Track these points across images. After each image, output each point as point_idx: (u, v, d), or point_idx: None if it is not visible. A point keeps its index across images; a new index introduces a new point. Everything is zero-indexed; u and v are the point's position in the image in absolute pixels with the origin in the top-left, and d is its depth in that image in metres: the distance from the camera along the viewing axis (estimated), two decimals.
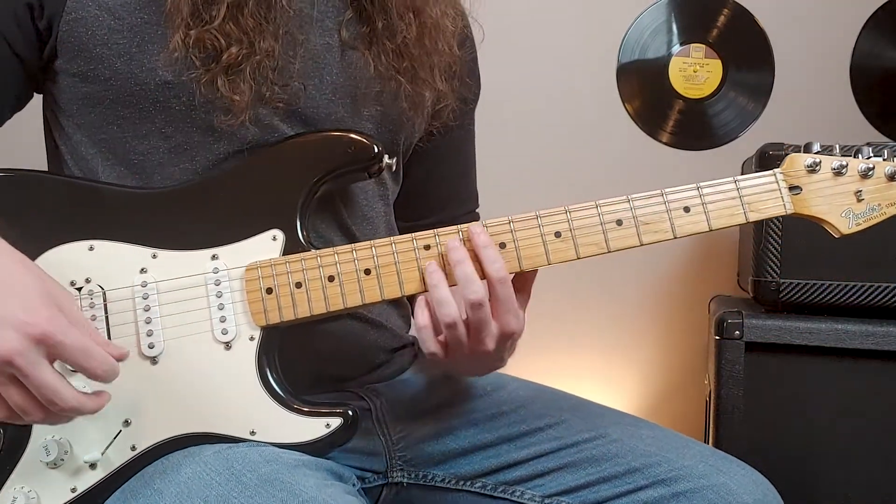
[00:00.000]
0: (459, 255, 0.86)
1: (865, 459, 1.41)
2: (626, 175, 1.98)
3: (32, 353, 0.71)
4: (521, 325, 0.89)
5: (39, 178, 0.90)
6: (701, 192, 0.90)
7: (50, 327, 0.72)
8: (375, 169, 0.94)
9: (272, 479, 0.79)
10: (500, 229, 0.89)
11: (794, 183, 0.91)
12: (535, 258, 0.89)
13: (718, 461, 0.95)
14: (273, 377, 0.87)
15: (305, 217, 0.90)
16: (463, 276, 0.85)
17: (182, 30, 0.88)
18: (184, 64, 0.89)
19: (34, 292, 0.74)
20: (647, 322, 2.00)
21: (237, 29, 0.89)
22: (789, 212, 0.91)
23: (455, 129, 1.10)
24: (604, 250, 0.89)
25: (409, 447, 1.01)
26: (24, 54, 0.91)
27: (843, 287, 1.42)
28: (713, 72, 1.95)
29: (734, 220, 0.90)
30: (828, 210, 0.91)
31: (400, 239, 0.88)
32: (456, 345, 0.87)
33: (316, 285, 0.88)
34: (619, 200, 0.91)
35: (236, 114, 0.89)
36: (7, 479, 0.84)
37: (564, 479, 0.98)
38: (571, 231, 0.89)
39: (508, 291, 0.86)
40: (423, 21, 0.98)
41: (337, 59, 0.97)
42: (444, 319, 0.85)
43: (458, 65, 1.05)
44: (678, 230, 0.90)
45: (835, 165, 0.91)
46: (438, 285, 0.86)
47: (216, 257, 0.89)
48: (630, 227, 0.90)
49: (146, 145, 0.92)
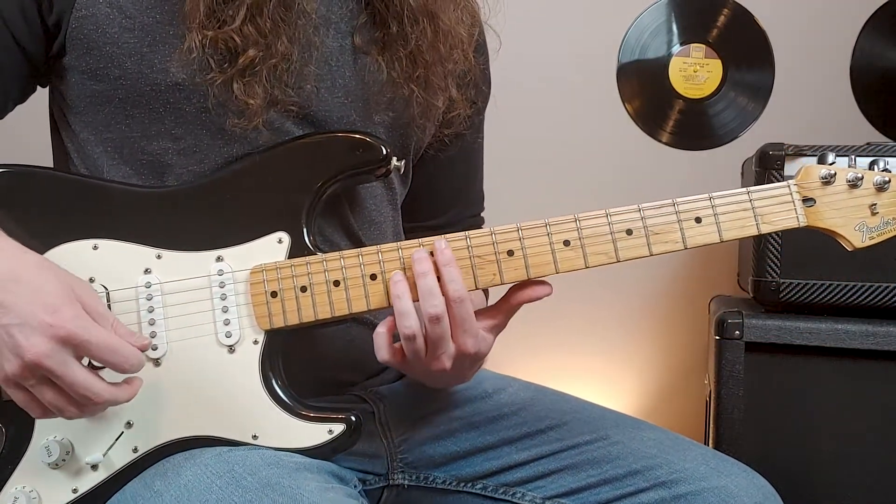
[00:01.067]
0: (424, 268, 0.85)
1: (865, 459, 1.40)
2: (626, 175, 1.98)
3: (60, 353, 0.72)
4: (480, 347, 0.88)
5: (45, 175, 0.90)
6: (713, 203, 0.89)
7: (74, 327, 0.73)
8: (383, 171, 0.93)
9: (273, 484, 0.79)
10: (509, 237, 0.88)
11: (807, 195, 0.89)
12: (544, 266, 0.88)
13: (719, 464, 0.95)
14: (276, 381, 0.87)
15: (312, 220, 0.90)
16: (425, 288, 0.85)
17: (199, 30, 0.87)
18: (198, 65, 0.88)
19: (55, 291, 0.74)
20: (647, 322, 2.01)
21: (255, 31, 0.87)
22: (802, 225, 0.89)
23: (466, 134, 1.10)
24: (613, 260, 0.88)
25: (410, 450, 1.01)
26: (28, 47, 0.91)
27: (843, 287, 1.42)
28: (713, 72, 1.95)
29: (746, 232, 0.88)
30: (842, 223, 0.89)
31: (407, 244, 0.88)
32: (413, 358, 0.86)
33: (321, 289, 0.87)
34: (630, 210, 0.89)
35: (250, 117, 0.88)
36: (9, 478, 0.84)
37: (565, 480, 0.98)
38: (580, 240, 0.88)
39: (465, 312, 0.85)
40: (437, 27, 0.97)
41: (350, 64, 0.96)
42: (404, 331, 0.84)
43: (472, 72, 1.05)
44: (689, 241, 0.89)
45: (850, 177, 0.89)
46: (401, 296, 0.85)
47: (221, 259, 0.88)
48: (640, 236, 0.88)
49: (155, 146, 0.91)
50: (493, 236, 0.88)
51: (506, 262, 0.88)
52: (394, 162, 0.92)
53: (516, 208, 1.95)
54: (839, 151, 1.40)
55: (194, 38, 0.87)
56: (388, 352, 0.87)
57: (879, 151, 1.39)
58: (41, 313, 0.72)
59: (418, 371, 0.89)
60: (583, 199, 1.98)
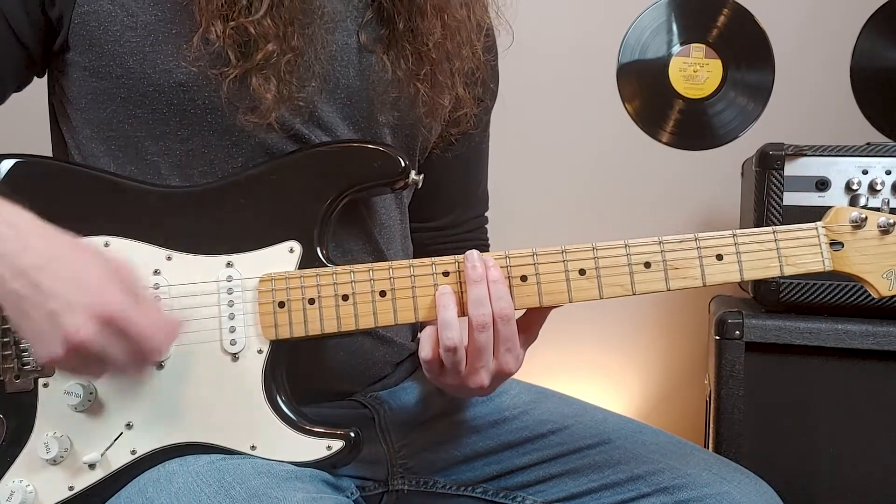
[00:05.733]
0: (477, 275, 0.84)
1: (865, 459, 1.40)
2: (626, 175, 1.97)
3: (103, 335, 0.72)
4: (518, 367, 0.88)
5: (58, 167, 0.89)
6: (736, 241, 0.86)
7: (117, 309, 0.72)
8: (401, 185, 0.91)
9: (260, 494, 0.78)
10: (523, 261, 0.86)
11: (836, 238, 0.86)
12: (557, 295, 0.86)
13: (722, 469, 0.95)
14: (279, 393, 0.86)
15: (325, 230, 0.89)
16: (476, 296, 0.84)
17: (217, 20, 0.85)
18: (214, 57, 0.86)
19: (96, 273, 0.73)
20: (647, 322, 2.00)
21: (273, 24, 0.86)
22: (828, 269, 0.87)
23: (473, 133, 1.09)
24: (628, 293, 0.86)
25: (411, 455, 1.01)
26: (27, 40, 0.90)
27: (843, 287, 1.42)
28: (713, 72, 1.94)
29: (769, 273, 0.86)
30: (870, 269, 0.86)
31: (419, 263, 0.87)
32: (452, 369, 0.86)
33: (329, 303, 0.86)
34: (649, 242, 0.86)
35: (263, 113, 0.87)
36: (6, 471, 0.84)
37: (566, 485, 0.98)
38: (597, 269, 0.86)
39: (510, 331, 0.85)
40: (445, 23, 0.95)
41: (355, 62, 0.95)
42: (445, 342, 0.83)
43: (480, 70, 1.03)
44: (708, 278, 0.86)
45: (882, 223, 0.86)
46: (448, 306, 0.84)
47: (231, 265, 0.87)
48: (658, 270, 0.86)
49: (161, 147, 0.90)
50: (507, 259, 0.86)
51: (518, 287, 0.86)
52: (412, 176, 0.91)
53: (515, 208, 1.96)
54: (839, 151, 1.40)
55: (215, 28, 0.85)
56: (431, 352, 0.86)
57: (879, 151, 1.39)
58: (83, 296, 0.71)
59: (451, 384, 0.88)
60: (583, 200, 1.98)
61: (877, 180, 1.38)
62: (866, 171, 1.39)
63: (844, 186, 1.39)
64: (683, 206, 1.95)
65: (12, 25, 0.88)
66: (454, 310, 0.84)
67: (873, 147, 1.40)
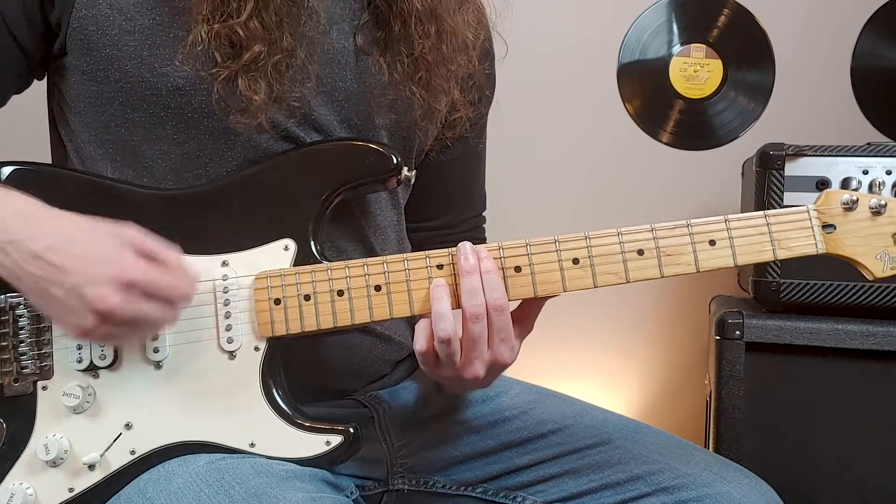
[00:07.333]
0: (470, 265, 0.85)
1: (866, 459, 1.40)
2: (626, 175, 1.97)
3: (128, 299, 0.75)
4: (513, 358, 0.88)
5: (53, 173, 0.90)
6: (728, 226, 0.86)
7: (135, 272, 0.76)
8: (393, 182, 0.92)
9: (259, 494, 0.79)
10: (517, 252, 0.87)
11: (828, 221, 0.86)
12: (551, 284, 0.86)
13: (722, 469, 0.95)
14: (276, 390, 0.87)
15: (319, 228, 0.89)
16: (469, 286, 0.84)
17: (204, 23, 0.86)
18: (203, 58, 0.87)
19: (109, 244, 0.77)
20: (647, 322, 2.00)
21: (261, 26, 0.86)
22: (821, 251, 0.87)
23: (468, 137, 1.09)
24: (622, 280, 0.86)
25: (411, 455, 1.01)
26: (26, 43, 0.90)
27: (843, 287, 1.42)
28: (713, 72, 1.94)
29: (762, 257, 0.86)
30: (863, 251, 0.86)
31: (413, 256, 0.87)
32: (447, 361, 0.86)
33: (325, 298, 0.86)
34: (642, 229, 0.87)
35: (253, 114, 0.88)
36: (7, 473, 0.85)
37: (566, 485, 0.98)
38: (590, 258, 0.86)
39: (504, 321, 0.85)
40: (440, 28, 0.96)
41: (352, 64, 0.95)
42: (439, 334, 0.83)
43: (476, 76, 1.04)
44: (702, 264, 0.86)
45: (873, 204, 0.86)
46: (441, 298, 0.85)
47: (226, 264, 0.88)
48: (651, 257, 0.86)
49: (157, 150, 0.91)
50: (500, 250, 0.87)
51: (512, 277, 0.87)
52: (404, 172, 0.91)
53: (514, 208, 1.96)
54: (840, 152, 1.40)
55: (200, 30, 0.86)
56: (426, 344, 0.86)
57: (879, 151, 1.39)
58: (101, 267, 0.75)
59: (447, 375, 0.88)
60: (583, 200, 1.98)
61: (877, 180, 1.38)
62: (867, 171, 1.39)
63: (845, 186, 1.39)
64: (684, 206, 1.95)
65: (12, 29, 0.89)
66: (447, 301, 0.84)
67: (874, 147, 1.40)
